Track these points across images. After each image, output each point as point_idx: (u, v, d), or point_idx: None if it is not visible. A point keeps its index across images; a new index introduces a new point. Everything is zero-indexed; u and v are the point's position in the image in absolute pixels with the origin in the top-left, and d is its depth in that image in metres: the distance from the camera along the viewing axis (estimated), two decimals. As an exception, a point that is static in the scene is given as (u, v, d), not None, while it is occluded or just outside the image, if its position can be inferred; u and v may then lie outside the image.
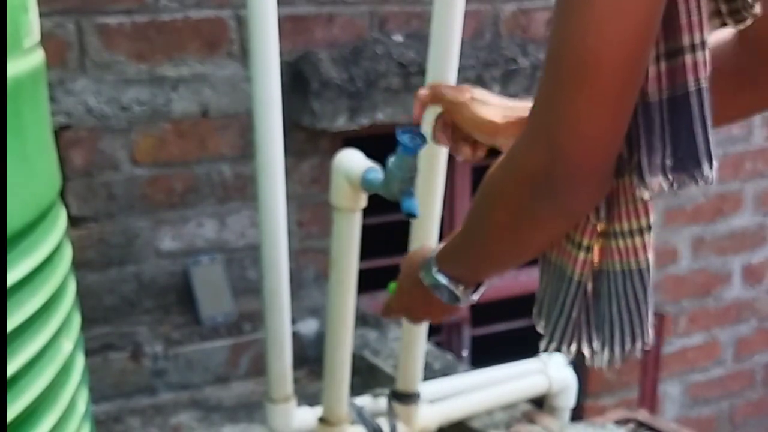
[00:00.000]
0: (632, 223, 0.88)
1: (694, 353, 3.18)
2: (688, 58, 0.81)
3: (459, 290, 1.02)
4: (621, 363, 0.94)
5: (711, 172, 0.83)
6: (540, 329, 0.98)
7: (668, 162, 0.83)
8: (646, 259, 0.89)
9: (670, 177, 0.83)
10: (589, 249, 0.90)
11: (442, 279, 1.02)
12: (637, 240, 0.89)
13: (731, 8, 0.88)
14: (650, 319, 0.92)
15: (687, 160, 0.83)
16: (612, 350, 0.93)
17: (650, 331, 0.92)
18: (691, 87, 0.82)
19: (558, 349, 0.95)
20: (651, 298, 0.91)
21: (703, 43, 0.82)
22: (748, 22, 0.89)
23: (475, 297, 1.04)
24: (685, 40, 0.81)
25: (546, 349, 0.96)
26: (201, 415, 2.11)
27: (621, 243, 0.89)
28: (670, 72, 0.82)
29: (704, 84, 0.82)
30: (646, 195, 0.85)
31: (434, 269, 1.02)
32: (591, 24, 0.75)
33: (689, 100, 0.82)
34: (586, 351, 0.94)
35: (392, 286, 1.19)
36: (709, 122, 0.83)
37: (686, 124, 0.82)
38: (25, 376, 0.81)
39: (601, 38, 0.75)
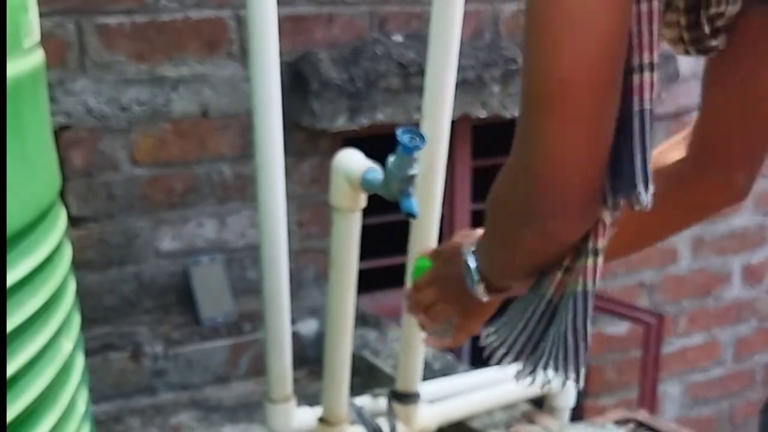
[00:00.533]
0: (588, 243, 0.85)
1: (694, 353, 3.18)
2: (635, 78, 0.79)
3: (477, 282, 0.99)
4: (542, 386, 0.91)
5: (647, 197, 0.80)
6: (485, 337, 0.96)
7: (608, 182, 0.80)
8: (592, 283, 0.86)
9: (609, 198, 0.81)
10: (567, 270, 0.87)
11: (471, 262, 0.99)
12: (590, 261, 0.85)
13: (693, 36, 0.88)
14: (581, 351, 0.86)
15: (625, 181, 0.80)
16: (534, 374, 0.91)
17: (578, 369, 0.87)
18: (635, 107, 0.79)
19: (514, 361, 0.92)
20: (587, 327, 0.86)
21: (651, 65, 0.79)
22: (712, 54, 0.90)
23: (485, 298, 1.00)
24: (635, 61, 0.79)
25: (499, 362, 0.93)
26: (201, 415, 2.11)
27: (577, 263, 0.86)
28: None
29: (648, 106, 0.80)
30: (608, 217, 0.82)
31: (471, 249, 1.00)
32: (550, 48, 0.73)
33: (632, 121, 0.80)
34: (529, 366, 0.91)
35: (420, 265, 1.13)
36: (649, 145, 0.81)
37: (627, 146, 0.80)
38: (25, 376, 0.81)
39: (563, 61, 0.73)
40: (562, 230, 0.81)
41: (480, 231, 1.04)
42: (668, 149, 1.01)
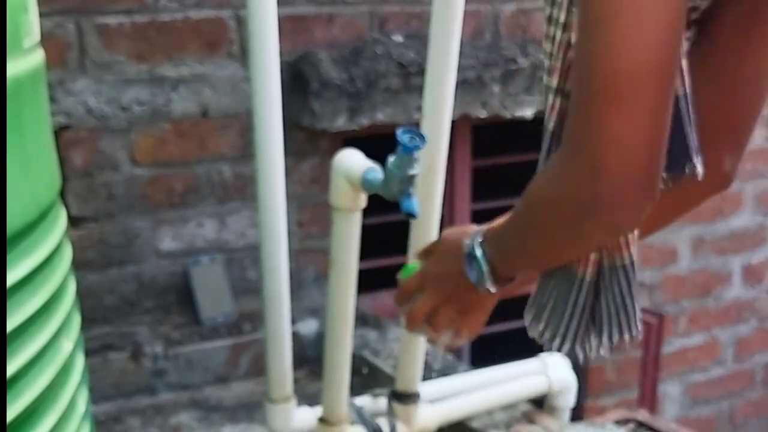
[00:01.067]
0: None
1: (694, 353, 3.18)
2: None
3: (487, 273, 1.00)
4: (610, 354, 0.97)
5: (699, 165, 0.89)
6: (538, 333, 0.99)
7: None
8: (630, 255, 0.94)
9: (664, 174, 0.85)
10: (601, 249, 0.92)
11: (479, 252, 1.00)
12: (630, 235, 0.93)
13: None
14: (638, 312, 0.96)
15: (680, 157, 0.87)
16: (601, 342, 0.97)
17: (639, 325, 0.96)
18: (680, 92, 0.85)
19: (572, 349, 0.97)
20: (637, 293, 0.95)
21: (683, 52, 0.85)
22: (685, 45, 0.93)
23: (493, 289, 1.01)
24: None
25: (559, 349, 0.98)
26: (201, 415, 2.11)
27: None
28: None
29: (688, 90, 0.86)
30: None
31: (478, 240, 1.00)
32: (619, 39, 0.76)
33: (679, 103, 0.85)
34: (573, 343, 0.97)
35: (409, 267, 1.13)
36: (694, 123, 0.88)
37: (678, 125, 0.86)
38: (25, 376, 0.81)
39: (631, 52, 0.76)
40: (629, 219, 0.84)
41: (471, 226, 1.05)
42: None
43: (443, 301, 1.07)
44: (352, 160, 1.44)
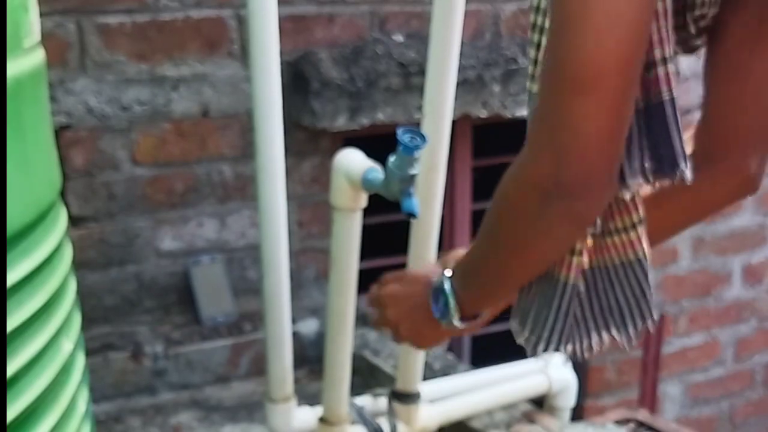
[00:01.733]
0: (625, 221, 0.96)
1: (694, 353, 3.18)
2: (660, 71, 0.88)
3: (453, 307, 1.02)
4: (636, 341, 1.02)
5: (687, 170, 0.90)
6: (523, 338, 1.01)
7: (647, 165, 0.89)
8: (642, 249, 0.97)
9: (650, 178, 0.90)
10: (580, 253, 0.95)
11: (447, 286, 1.02)
12: (632, 234, 0.96)
13: (680, 37, 0.96)
14: (653, 299, 1.00)
15: (666, 162, 0.89)
16: (628, 333, 1.01)
17: (654, 311, 1.00)
18: (665, 96, 0.88)
19: (557, 350, 0.99)
20: (652, 281, 0.99)
21: (670, 57, 0.88)
22: (696, 52, 0.98)
23: (459, 324, 1.04)
24: (657, 54, 0.87)
25: (537, 354, 1.00)
26: (201, 415, 2.11)
27: (617, 239, 0.97)
28: (645, 83, 0.88)
29: (675, 94, 0.89)
30: (627, 195, 0.92)
31: (446, 275, 1.03)
32: (589, 34, 0.79)
33: (664, 108, 0.88)
34: (594, 343, 1.01)
35: None
36: (681, 127, 0.90)
37: (663, 129, 0.89)
38: (26, 376, 0.81)
39: (600, 47, 0.79)
40: (590, 207, 0.86)
41: (447, 261, 1.07)
42: None
43: (405, 325, 1.11)
44: (353, 160, 1.44)
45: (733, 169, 1.03)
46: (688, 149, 1.03)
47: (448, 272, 1.03)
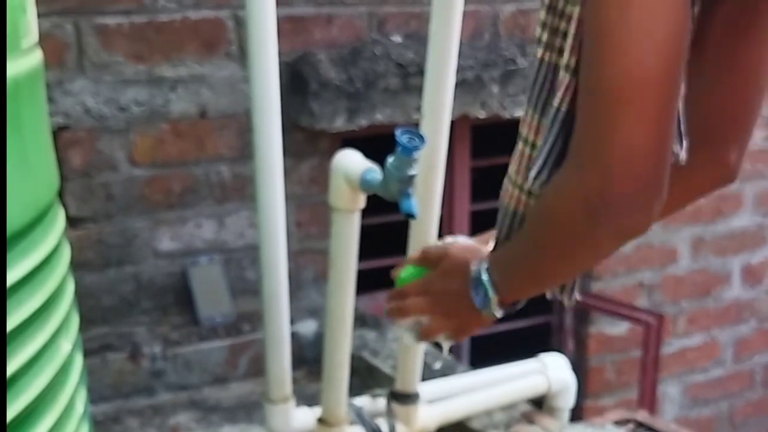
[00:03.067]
0: None
1: (694, 354, 3.18)
2: None
3: (493, 297, 1.02)
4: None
5: (682, 151, 0.92)
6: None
7: None
8: None
9: None
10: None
11: (485, 277, 1.02)
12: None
13: None
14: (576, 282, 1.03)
15: None
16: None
17: (575, 291, 1.04)
18: None
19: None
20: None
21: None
22: None
23: (499, 314, 1.04)
24: None
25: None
26: (199, 416, 2.11)
27: None
28: None
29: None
30: None
31: (485, 265, 1.02)
32: (629, 46, 0.78)
33: None
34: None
35: (408, 271, 1.16)
36: (680, 108, 0.90)
37: None
38: (24, 376, 0.81)
39: (640, 59, 0.79)
40: (639, 221, 0.85)
41: (485, 247, 1.07)
42: None
43: (441, 315, 1.10)
44: (351, 161, 1.44)
45: (713, 158, 1.03)
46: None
47: (485, 263, 1.03)
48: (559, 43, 0.94)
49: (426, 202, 1.57)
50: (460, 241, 1.16)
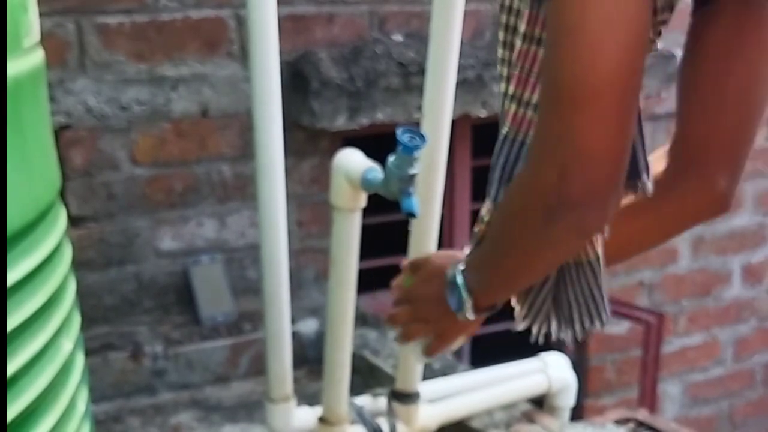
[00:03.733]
0: None
1: (694, 353, 3.18)
2: None
3: (467, 300, 1.02)
4: (582, 338, 1.08)
5: (648, 182, 0.94)
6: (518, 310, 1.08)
7: None
8: (596, 253, 0.99)
9: None
10: (570, 254, 0.97)
11: (460, 280, 1.02)
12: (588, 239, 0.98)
13: None
14: (606, 303, 1.02)
15: (630, 173, 0.89)
16: (573, 329, 1.04)
17: (607, 313, 1.03)
18: None
19: (529, 327, 1.07)
20: (604, 285, 1.01)
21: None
22: (651, 55, 0.96)
23: (472, 317, 1.05)
24: None
25: (523, 327, 1.07)
26: (201, 415, 2.11)
27: None
28: None
29: (641, 106, 0.89)
30: None
31: (459, 268, 1.03)
32: (587, 47, 0.79)
33: None
34: (551, 330, 1.06)
35: (406, 280, 1.19)
36: (645, 140, 0.93)
37: None
38: (25, 375, 0.81)
39: (598, 59, 0.79)
40: (595, 220, 0.86)
41: (463, 252, 1.08)
42: (654, 161, 1.06)
43: (421, 320, 1.13)
44: (352, 160, 1.44)
45: (702, 185, 1.03)
46: (660, 165, 1.05)
47: (461, 265, 1.04)
48: (506, 72, 0.97)
49: (427, 202, 1.57)
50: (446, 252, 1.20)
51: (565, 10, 0.80)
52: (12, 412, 0.79)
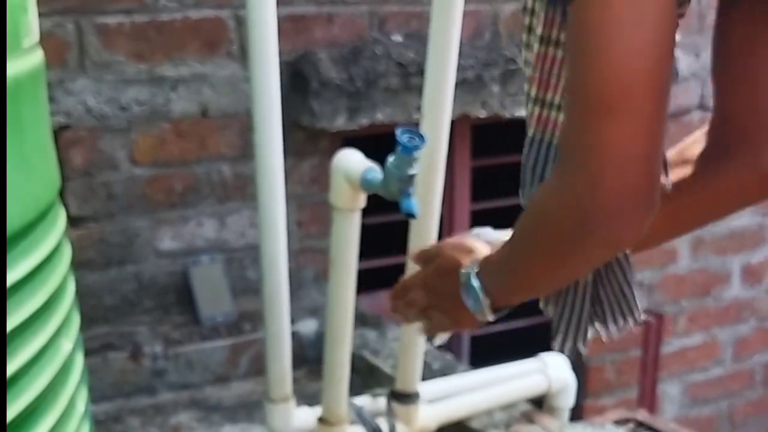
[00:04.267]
0: None
1: (694, 353, 3.18)
2: None
3: (484, 302, 1.01)
4: (617, 336, 1.03)
5: (668, 181, 0.92)
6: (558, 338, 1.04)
7: None
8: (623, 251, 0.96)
9: None
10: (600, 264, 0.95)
11: (476, 283, 1.01)
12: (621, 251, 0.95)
13: None
14: (637, 300, 1.00)
15: None
16: (607, 328, 1.02)
17: (639, 311, 1.00)
18: None
19: (574, 346, 1.02)
20: (634, 282, 0.99)
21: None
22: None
23: (491, 318, 1.03)
24: None
25: (561, 348, 1.03)
26: (201, 415, 2.11)
27: None
28: None
29: None
30: None
31: (475, 271, 1.02)
32: (613, 51, 0.76)
33: None
34: (587, 332, 1.02)
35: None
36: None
37: None
38: (25, 375, 0.81)
39: (626, 64, 0.76)
40: (630, 232, 0.83)
41: (481, 250, 1.06)
42: (691, 144, 1.04)
43: (438, 309, 1.09)
44: (352, 160, 1.45)
45: (747, 165, 1.00)
46: (698, 147, 1.03)
47: (475, 267, 1.01)
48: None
49: (426, 202, 1.57)
50: (486, 233, 1.14)
51: (588, 11, 0.78)
52: (12, 412, 0.79)
